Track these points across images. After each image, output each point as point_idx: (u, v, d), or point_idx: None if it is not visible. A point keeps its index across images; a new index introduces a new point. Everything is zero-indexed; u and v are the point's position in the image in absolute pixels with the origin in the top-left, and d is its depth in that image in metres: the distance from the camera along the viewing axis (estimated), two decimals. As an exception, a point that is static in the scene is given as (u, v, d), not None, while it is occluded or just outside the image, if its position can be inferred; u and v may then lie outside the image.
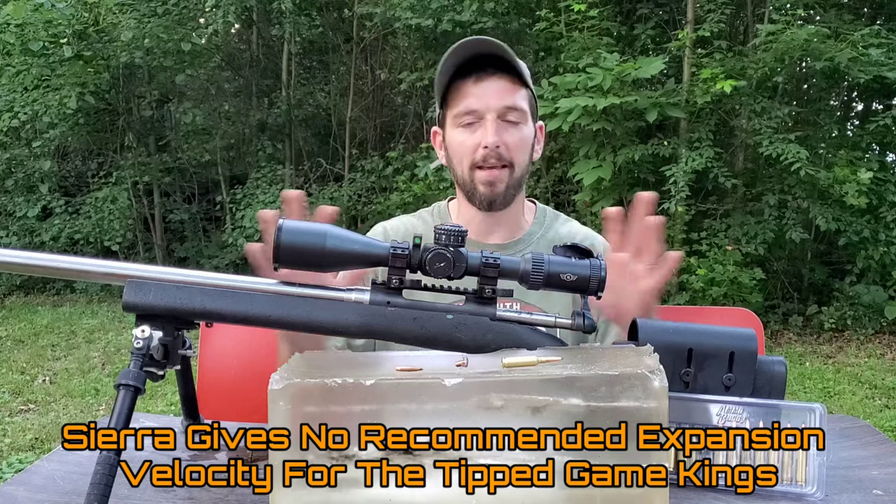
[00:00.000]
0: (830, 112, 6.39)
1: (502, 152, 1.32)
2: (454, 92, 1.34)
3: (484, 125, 1.31)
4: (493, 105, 1.31)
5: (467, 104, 1.32)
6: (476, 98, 1.31)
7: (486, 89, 1.31)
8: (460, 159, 1.35)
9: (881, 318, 5.51)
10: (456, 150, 1.36)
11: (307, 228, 0.91)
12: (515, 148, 1.33)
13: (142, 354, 0.90)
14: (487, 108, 1.31)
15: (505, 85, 1.32)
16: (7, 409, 4.19)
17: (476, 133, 1.32)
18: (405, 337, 0.94)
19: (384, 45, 7.65)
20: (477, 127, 1.32)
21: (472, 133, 1.33)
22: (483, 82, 1.31)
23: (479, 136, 1.32)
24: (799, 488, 0.94)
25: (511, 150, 1.32)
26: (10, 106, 6.86)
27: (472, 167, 1.34)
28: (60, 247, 7.13)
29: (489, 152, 1.31)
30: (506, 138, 1.32)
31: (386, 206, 6.52)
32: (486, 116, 1.31)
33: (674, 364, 0.97)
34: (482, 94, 1.31)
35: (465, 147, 1.34)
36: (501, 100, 1.31)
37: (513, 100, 1.32)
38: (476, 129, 1.32)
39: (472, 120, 1.32)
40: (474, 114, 1.32)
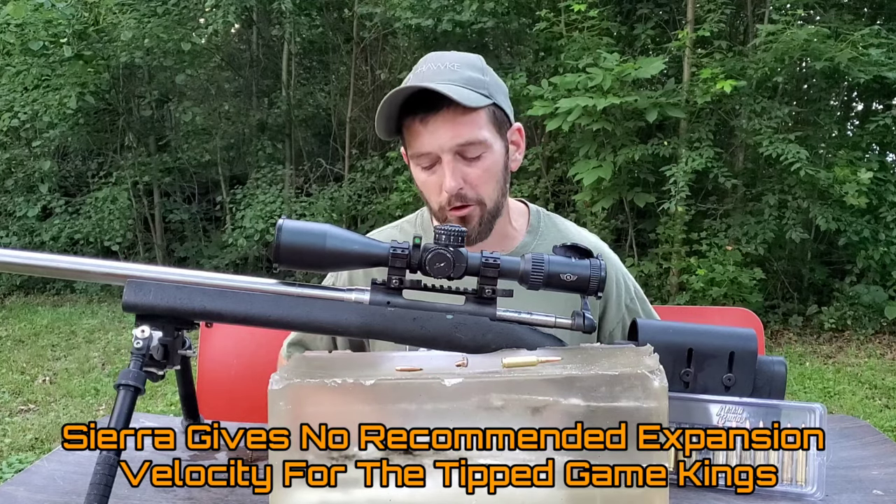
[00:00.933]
0: (830, 112, 6.39)
1: (466, 193, 1.21)
2: (406, 129, 1.23)
3: (442, 167, 1.20)
4: (447, 145, 1.18)
5: (419, 146, 1.20)
6: (427, 139, 1.19)
7: (436, 129, 1.18)
8: (428, 197, 1.26)
9: (881, 318, 5.51)
10: (422, 188, 1.27)
11: (307, 228, 0.91)
12: (481, 183, 1.22)
13: (142, 354, 0.90)
14: (441, 150, 1.19)
15: (456, 119, 1.17)
16: (7, 409, 4.19)
17: (436, 174, 1.22)
18: (405, 337, 0.94)
19: (384, 45, 7.65)
20: (436, 167, 1.21)
21: (432, 174, 1.22)
22: (430, 122, 1.18)
23: (439, 178, 1.21)
24: (799, 488, 0.94)
25: (476, 186, 1.21)
26: (10, 106, 6.86)
27: (440, 208, 1.24)
28: (60, 247, 7.13)
29: (452, 197, 1.20)
30: (468, 175, 1.20)
31: (386, 206, 6.51)
32: (442, 157, 1.19)
33: (674, 364, 0.97)
34: (432, 135, 1.18)
35: (428, 188, 1.24)
36: (454, 139, 1.18)
37: (468, 135, 1.18)
38: (436, 170, 1.22)
39: (429, 163, 1.21)
40: (429, 156, 1.21)
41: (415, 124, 1.20)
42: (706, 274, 5.21)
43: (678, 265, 5.49)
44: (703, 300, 5.16)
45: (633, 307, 1.38)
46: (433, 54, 1.26)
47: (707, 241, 5.50)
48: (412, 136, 1.22)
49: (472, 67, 1.23)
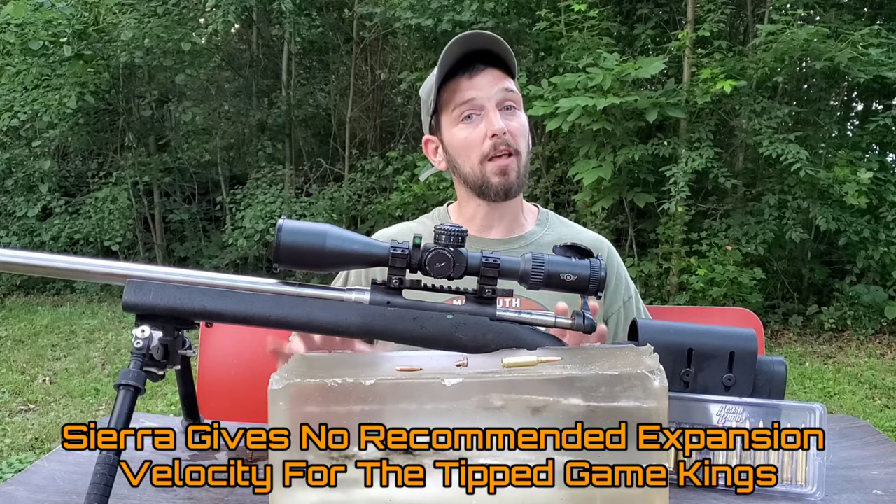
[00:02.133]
0: (830, 112, 6.39)
1: (509, 139, 1.31)
2: (447, 92, 1.33)
3: (486, 115, 1.30)
4: (492, 93, 1.31)
5: (464, 96, 1.31)
6: (473, 90, 1.31)
7: (481, 81, 1.31)
8: (467, 155, 1.33)
9: (881, 318, 5.51)
10: (460, 147, 1.34)
11: (307, 228, 0.91)
12: (519, 134, 1.33)
13: (142, 354, 0.90)
14: (487, 98, 1.30)
15: (498, 74, 1.32)
16: (7, 409, 4.19)
17: (479, 126, 1.31)
18: (405, 337, 0.94)
19: (384, 45, 7.65)
20: (478, 120, 1.31)
21: (474, 127, 1.31)
22: (476, 77, 1.31)
23: (483, 128, 1.31)
24: (799, 488, 0.94)
25: (516, 136, 1.32)
26: (10, 105, 6.86)
27: (481, 160, 1.32)
28: (60, 247, 7.13)
29: (498, 140, 1.30)
30: (510, 125, 1.31)
31: (386, 206, 6.51)
32: (487, 106, 1.30)
33: (674, 364, 0.97)
34: (478, 86, 1.30)
35: (470, 141, 1.32)
36: (497, 86, 1.31)
37: (508, 84, 1.32)
38: (478, 123, 1.31)
39: (472, 112, 1.31)
40: (473, 104, 1.31)
41: (460, 82, 1.31)
42: (706, 274, 5.21)
43: (678, 265, 5.49)
44: (703, 300, 5.16)
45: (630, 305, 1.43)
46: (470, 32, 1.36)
47: (707, 241, 5.50)
48: (456, 93, 1.32)
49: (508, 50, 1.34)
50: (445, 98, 1.34)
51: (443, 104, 1.34)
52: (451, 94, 1.33)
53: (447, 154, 1.38)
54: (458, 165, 1.36)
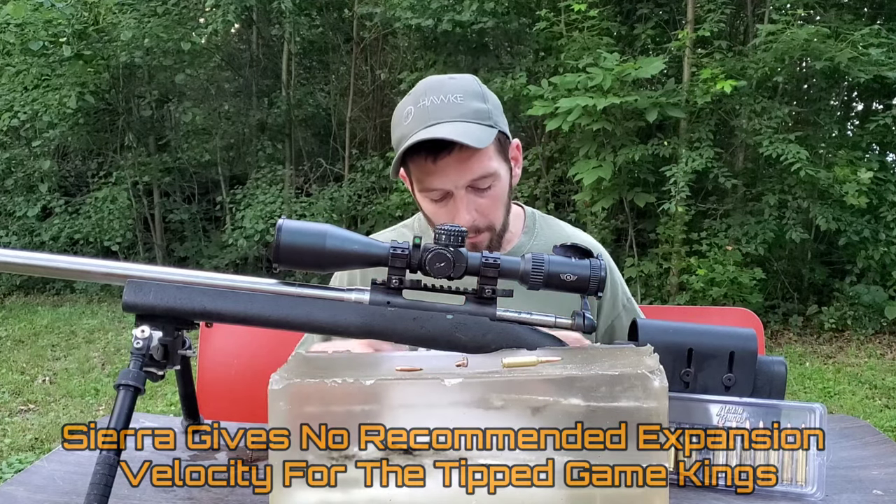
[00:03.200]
0: (830, 112, 6.38)
1: (478, 223, 1.23)
2: (413, 165, 1.23)
3: (454, 202, 1.21)
4: (460, 182, 1.20)
5: (430, 183, 1.21)
6: (439, 178, 1.20)
7: (447, 168, 1.19)
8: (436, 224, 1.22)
9: (881, 318, 5.50)
10: (431, 216, 1.27)
11: (307, 228, 0.91)
12: (491, 211, 1.24)
13: (142, 354, 0.90)
14: (455, 186, 1.20)
15: (468, 157, 1.18)
16: (7, 409, 4.19)
17: (447, 207, 1.22)
18: (405, 337, 0.94)
19: (384, 45, 7.64)
20: (447, 200, 1.22)
21: (442, 206, 1.23)
22: (441, 162, 1.18)
23: (451, 212, 1.22)
24: (799, 488, 0.94)
25: (487, 215, 1.24)
26: (10, 105, 6.85)
27: None
28: (60, 247, 7.13)
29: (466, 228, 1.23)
30: (480, 207, 1.22)
31: (386, 206, 6.51)
32: (455, 193, 1.21)
33: (674, 364, 0.97)
34: (444, 173, 1.19)
35: (439, 218, 1.24)
36: (467, 175, 1.19)
37: (480, 171, 1.20)
38: (447, 203, 1.22)
39: (440, 196, 1.22)
40: (440, 191, 1.22)
41: (426, 164, 1.20)
42: (706, 274, 5.21)
43: (678, 265, 5.49)
44: (703, 300, 5.16)
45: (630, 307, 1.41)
46: (432, 82, 1.25)
47: (707, 241, 5.50)
48: (422, 173, 1.22)
49: (474, 96, 1.22)
50: (412, 170, 1.24)
51: (410, 172, 1.25)
52: (417, 172, 1.23)
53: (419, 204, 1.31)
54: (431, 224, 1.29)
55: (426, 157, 1.19)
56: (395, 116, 1.27)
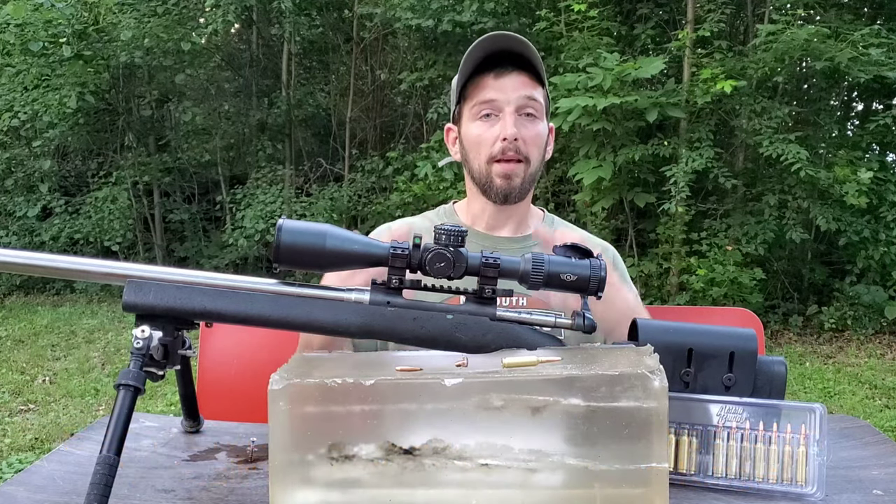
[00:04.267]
0: (830, 112, 6.39)
1: (520, 146, 1.32)
2: (473, 86, 1.34)
3: (502, 118, 1.32)
4: (513, 98, 1.31)
5: (486, 95, 1.32)
6: (495, 91, 1.32)
7: (506, 83, 1.31)
8: (477, 152, 1.35)
9: (881, 318, 5.51)
10: (473, 142, 1.35)
11: (307, 228, 0.91)
12: (532, 143, 1.33)
13: (142, 354, 0.90)
14: (507, 101, 1.31)
15: (524, 80, 1.32)
16: (7, 409, 4.19)
17: (494, 126, 1.32)
18: (405, 337, 0.94)
19: (384, 45, 7.65)
20: (495, 120, 1.32)
21: (490, 126, 1.33)
22: (503, 77, 1.31)
23: (497, 130, 1.32)
24: (799, 488, 0.94)
25: (528, 144, 1.33)
26: (10, 105, 6.86)
27: (489, 160, 1.33)
28: (60, 247, 7.13)
29: (507, 145, 1.31)
30: (523, 132, 1.32)
31: (386, 206, 6.51)
32: (505, 109, 1.31)
33: (674, 364, 0.97)
34: (502, 88, 1.31)
35: (482, 139, 1.33)
36: (520, 92, 1.32)
37: (531, 92, 1.33)
38: (494, 123, 1.32)
39: (490, 111, 1.32)
40: (493, 104, 1.32)
41: (486, 79, 1.32)
42: (706, 274, 5.21)
43: (678, 265, 5.49)
44: (704, 300, 5.16)
45: None
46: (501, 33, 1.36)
47: (707, 242, 5.50)
48: (480, 89, 1.33)
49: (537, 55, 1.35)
50: (470, 91, 1.35)
51: (467, 96, 1.35)
52: (476, 89, 1.34)
53: (461, 146, 1.39)
54: (469, 160, 1.38)
55: (489, 73, 1.32)
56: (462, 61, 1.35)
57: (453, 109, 1.40)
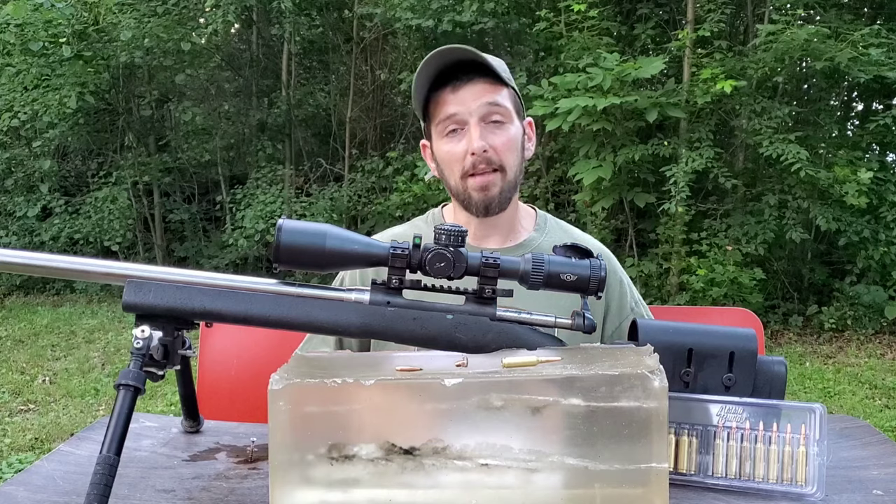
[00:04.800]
0: (830, 112, 6.39)
1: (491, 156, 1.28)
2: (433, 103, 1.31)
3: (468, 131, 1.28)
4: (474, 108, 1.27)
5: (447, 110, 1.28)
6: (455, 104, 1.28)
7: (464, 95, 1.27)
8: (451, 169, 1.32)
9: (881, 318, 5.51)
10: (445, 160, 1.32)
11: (307, 228, 0.91)
12: (504, 149, 1.29)
13: (142, 354, 0.90)
14: (469, 112, 1.27)
15: (483, 87, 1.28)
16: (7, 409, 4.19)
17: (462, 141, 1.29)
18: (405, 337, 0.94)
19: (384, 45, 7.64)
20: (462, 134, 1.29)
21: (458, 141, 1.29)
22: (460, 89, 1.27)
23: (465, 144, 1.28)
24: (799, 488, 0.94)
25: (500, 152, 1.29)
26: (10, 106, 6.85)
27: (462, 176, 1.30)
28: (60, 247, 7.13)
29: (477, 158, 1.27)
30: (492, 141, 1.28)
31: (386, 206, 6.51)
32: (469, 121, 1.27)
33: (674, 364, 0.97)
34: (461, 100, 1.27)
35: (453, 156, 1.30)
36: (481, 100, 1.27)
37: (493, 97, 1.28)
38: (461, 137, 1.29)
39: (456, 127, 1.29)
40: (455, 119, 1.28)
41: (444, 94, 1.29)
42: (706, 274, 5.21)
43: (678, 265, 5.49)
44: (704, 300, 5.16)
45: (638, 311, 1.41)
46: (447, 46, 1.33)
47: (707, 242, 5.50)
48: (440, 106, 1.30)
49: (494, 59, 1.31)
50: (432, 109, 1.31)
51: (430, 113, 1.32)
52: (436, 106, 1.30)
53: (436, 163, 1.37)
54: (445, 177, 1.35)
55: (445, 87, 1.28)
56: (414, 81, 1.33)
57: (423, 126, 1.37)
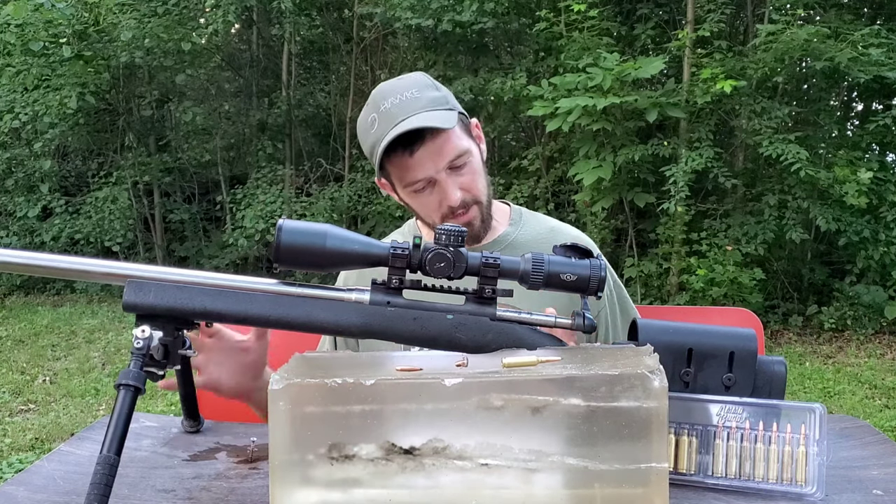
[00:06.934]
0: (830, 112, 6.39)
1: (465, 198, 1.29)
2: (391, 164, 1.28)
3: (439, 186, 1.27)
4: (440, 165, 1.26)
5: (412, 176, 1.27)
6: (419, 169, 1.26)
7: (424, 157, 1.25)
8: (427, 215, 1.32)
9: (881, 318, 5.51)
10: (419, 209, 1.33)
11: (307, 228, 0.91)
12: (474, 185, 1.30)
13: (142, 354, 0.90)
14: (435, 170, 1.26)
15: (440, 142, 1.25)
16: (7, 409, 4.19)
17: (434, 194, 1.28)
18: (405, 337, 0.93)
19: (384, 45, 7.65)
20: (431, 188, 1.28)
21: (429, 195, 1.29)
22: (417, 153, 1.24)
23: (437, 196, 1.28)
24: (799, 488, 0.94)
25: (471, 189, 1.29)
26: (11, 107, 6.86)
27: (441, 220, 1.30)
28: (60, 247, 7.13)
29: (455, 207, 1.28)
30: (462, 184, 1.28)
31: (386, 206, 6.52)
32: (437, 178, 1.26)
33: (674, 364, 0.97)
34: (421, 163, 1.25)
35: (428, 207, 1.30)
36: (444, 157, 1.25)
37: (454, 150, 1.26)
38: (432, 191, 1.28)
39: (424, 185, 1.28)
40: (423, 181, 1.27)
41: (404, 159, 1.26)
42: (706, 274, 5.21)
43: (678, 265, 5.49)
44: (703, 300, 5.16)
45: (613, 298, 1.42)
46: (384, 87, 1.32)
47: (707, 242, 5.50)
48: (402, 169, 1.27)
49: (426, 87, 1.29)
50: (391, 171, 1.29)
51: (389, 170, 1.30)
52: (397, 169, 1.28)
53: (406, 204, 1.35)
54: (422, 217, 1.35)
55: (402, 152, 1.25)
56: (359, 128, 1.34)
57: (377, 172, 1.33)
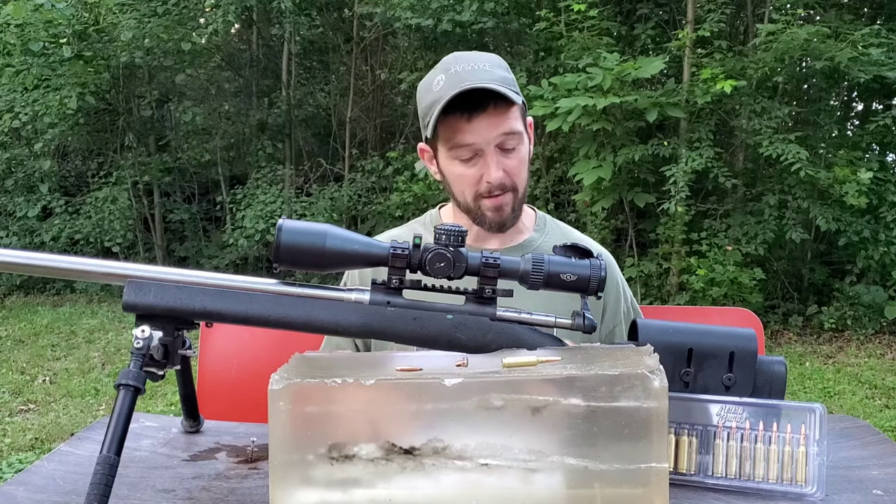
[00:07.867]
0: (830, 112, 6.39)
1: (506, 181, 1.27)
2: (444, 126, 1.26)
3: (484, 159, 1.26)
4: (491, 138, 1.25)
5: (463, 139, 1.25)
6: (471, 135, 1.24)
7: (480, 126, 1.24)
8: (461, 189, 1.30)
9: (881, 318, 5.51)
10: (456, 180, 1.31)
11: (307, 228, 0.91)
12: (517, 171, 1.29)
13: (142, 354, 0.90)
14: (486, 142, 1.25)
15: (498, 116, 1.24)
16: (7, 409, 4.19)
17: (476, 167, 1.27)
18: (405, 337, 0.94)
19: (384, 45, 7.64)
20: (476, 160, 1.27)
21: (471, 166, 1.27)
22: (475, 119, 1.23)
23: (479, 170, 1.27)
24: (799, 488, 0.94)
25: (513, 174, 1.28)
26: (11, 106, 6.85)
27: (476, 197, 1.29)
28: (60, 247, 7.13)
29: (493, 185, 1.26)
30: (507, 166, 1.27)
31: (386, 206, 6.51)
32: (486, 150, 1.25)
33: (674, 364, 0.97)
34: (477, 131, 1.24)
35: (466, 179, 1.28)
36: (499, 129, 1.25)
37: (509, 127, 1.26)
38: (476, 163, 1.27)
39: (470, 155, 1.26)
40: (472, 148, 1.26)
41: (458, 121, 1.25)
42: (706, 274, 5.21)
43: (678, 265, 5.49)
44: (704, 300, 5.16)
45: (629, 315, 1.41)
46: (459, 54, 1.31)
47: (707, 242, 5.50)
48: (453, 132, 1.26)
49: (500, 66, 1.29)
50: (442, 131, 1.27)
51: (440, 132, 1.28)
52: (449, 131, 1.26)
53: (442, 174, 1.34)
54: (454, 192, 1.33)
55: (460, 115, 1.24)
56: (421, 88, 1.32)
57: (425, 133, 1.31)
